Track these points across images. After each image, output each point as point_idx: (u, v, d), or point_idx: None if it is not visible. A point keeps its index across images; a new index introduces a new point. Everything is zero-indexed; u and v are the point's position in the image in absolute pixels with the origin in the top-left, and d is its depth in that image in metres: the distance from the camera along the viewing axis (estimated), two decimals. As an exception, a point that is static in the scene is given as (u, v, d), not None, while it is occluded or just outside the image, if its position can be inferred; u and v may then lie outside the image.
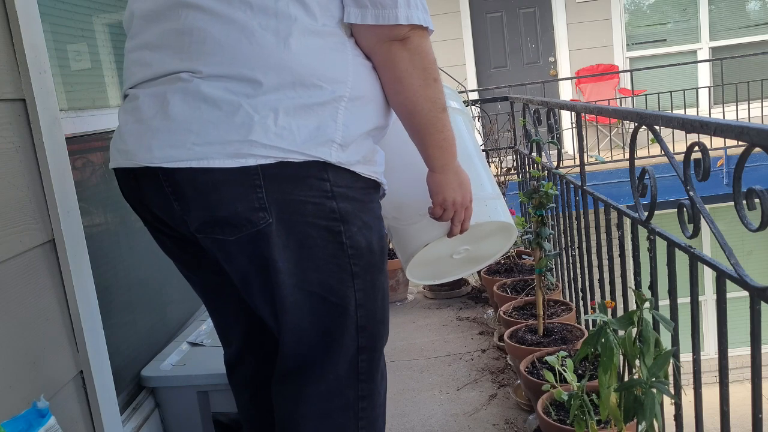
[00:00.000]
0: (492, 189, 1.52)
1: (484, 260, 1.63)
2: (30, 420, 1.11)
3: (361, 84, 1.10)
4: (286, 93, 1.03)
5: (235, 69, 1.02)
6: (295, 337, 1.17)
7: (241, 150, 1.01)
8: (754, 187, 1.05)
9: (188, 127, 1.03)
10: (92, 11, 1.88)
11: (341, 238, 1.11)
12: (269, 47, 1.02)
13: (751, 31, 8.16)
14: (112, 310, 1.70)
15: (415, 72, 1.11)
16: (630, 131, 2.38)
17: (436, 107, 1.15)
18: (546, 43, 8.25)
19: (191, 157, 1.02)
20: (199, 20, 1.04)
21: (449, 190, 1.24)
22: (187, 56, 1.05)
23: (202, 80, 1.03)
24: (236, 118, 1.01)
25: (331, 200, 1.08)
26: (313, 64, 1.05)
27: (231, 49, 1.02)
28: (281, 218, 1.06)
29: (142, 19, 1.13)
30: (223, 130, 1.01)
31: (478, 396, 2.32)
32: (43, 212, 1.36)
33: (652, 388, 1.25)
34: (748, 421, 1.19)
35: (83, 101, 1.76)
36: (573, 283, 2.46)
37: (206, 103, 1.02)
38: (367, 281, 1.17)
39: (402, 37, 1.09)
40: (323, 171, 1.07)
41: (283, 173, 1.04)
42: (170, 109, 1.04)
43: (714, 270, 1.26)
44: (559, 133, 2.38)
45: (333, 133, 1.06)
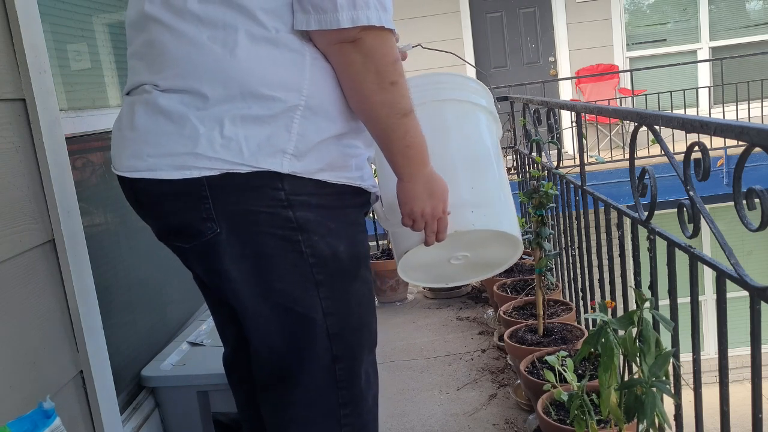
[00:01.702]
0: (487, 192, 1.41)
1: (496, 266, 1.54)
2: (35, 420, 1.11)
3: (321, 91, 1.07)
4: (235, 104, 1.02)
5: (188, 82, 1.04)
6: (266, 347, 1.18)
7: (187, 162, 1.03)
8: (754, 187, 1.05)
9: (146, 138, 1.06)
10: (92, 11, 1.88)
11: (300, 247, 1.09)
12: (216, 59, 1.02)
13: (751, 31, 8.16)
14: (112, 310, 1.70)
15: (368, 75, 1.05)
16: (630, 131, 2.38)
17: (395, 112, 1.08)
18: (546, 43, 8.25)
19: (145, 168, 1.06)
20: (159, 33, 1.07)
21: (416, 200, 1.18)
22: (151, 68, 1.08)
23: (161, 93, 1.06)
24: (185, 131, 1.03)
25: (286, 209, 1.07)
26: (263, 74, 1.03)
27: (183, 62, 1.04)
28: (233, 229, 1.07)
29: (130, 27, 1.15)
30: (172, 143, 1.04)
31: (478, 396, 2.32)
32: (43, 212, 1.36)
33: (652, 388, 1.25)
34: (748, 421, 1.19)
35: (83, 101, 1.76)
36: (573, 283, 2.46)
37: (162, 115, 1.05)
38: (335, 289, 1.14)
39: (352, 39, 1.03)
40: (276, 180, 1.05)
41: (231, 184, 1.04)
42: (135, 120, 1.08)
43: (714, 270, 1.26)
44: (559, 133, 2.38)
45: (285, 144, 1.04)
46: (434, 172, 1.18)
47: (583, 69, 8.07)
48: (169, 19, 1.05)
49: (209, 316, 2.16)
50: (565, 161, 4.25)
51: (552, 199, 2.17)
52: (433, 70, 2.23)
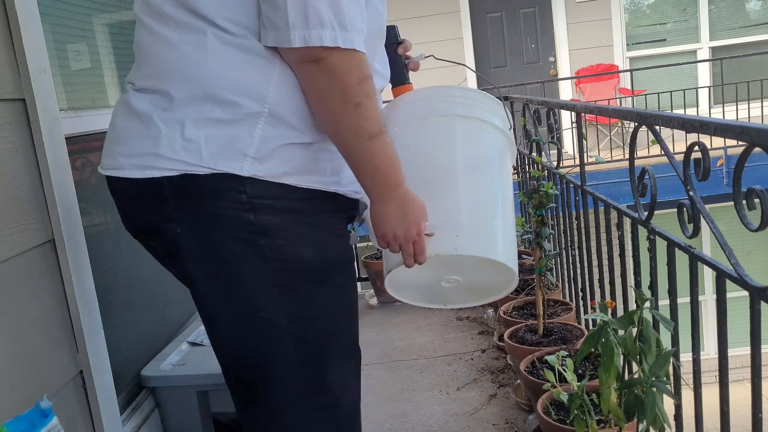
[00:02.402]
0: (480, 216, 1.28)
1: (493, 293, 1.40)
2: (33, 420, 1.11)
3: (286, 101, 1.05)
4: (199, 106, 1.03)
5: (158, 82, 1.05)
6: (232, 352, 1.16)
7: (148, 162, 1.04)
8: (754, 186, 1.05)
9: (118, 137, 1.08)
10: (92, 11, 1.88)
11: (263, 251, 1.07)
12: (186, 61, 1.03)
13: (751, 31, 8.16)
14: (112, 310, 1.70)
15: (332, 96, 1.03)
16: (630, 131, 2.38)
17: (359, 135, 1.05)
18: (546, 43, 8.25)
19: (115, 166, 1.08)
20: (141, 34, 1.09)
21: (388, 223, 1.13)
22: (135, 67, 1.11)
23: (135, 92, 1.08)
24: (149, 131, 1.04)
25: (248, 213, 1.05)
26: (229, 78, 1.03)
27: (155, 62, 1.06)
28: (195, 230, 1.06)
29: None
30: (137, 142, 1.05)
31: (478, 396, 2.32)
32: (43, 212, 1.36)
33: (652, 388, 1.25)
34: (748, 421, 1.19)
35: (83, 101, 1.76)
36: (573, 283, 2.46)
37: (133, 114, 1.06)
38: (301, 294, 1.11)
39: (315, 58, 1.00)
40: (238, 183, 1.04)
41: (192, 186, 1.03)
42: (114, 118, 1.11)
43: (714, 270, 1.26)
44: (559, 133, 2.38)
45: (246, 147, 1.03)
46: (409, 193, 1.13)
47: (583, 69, 8.07)
48: (150, 21, 1.07)
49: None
50: (565, 161, 4.25)
51: (552, 199, 2.17)
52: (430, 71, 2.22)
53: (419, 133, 1.28)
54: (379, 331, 3.09)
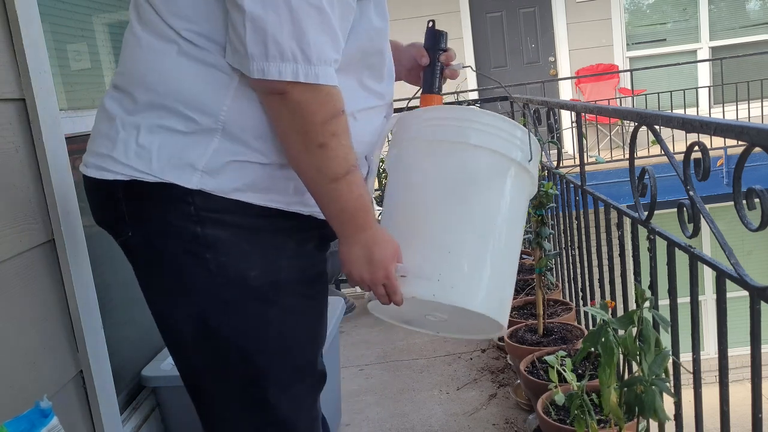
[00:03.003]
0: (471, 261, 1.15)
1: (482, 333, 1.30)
2: (32, 420, 1.11)
3: (242, 120, 1.00)
4: (156, 113, 1.01)
5: (127, 84, 1.05)
6: (179, 362, 1.15)
7: (103, 164, 1.04)
8: (754, 186, 1.05)
9: (92, 135, 1.10)
10: (92, 11, 1.88)
11: (209, 264, 1.03)
12: (149, 67, 1.02)
13: (750, 31, 8.16)
14: (112, 310, 1.70)
15: (294, 135, 0.98)
16: (630, 131, 2.38)
17: (322, 177, 1.00)
18: (546, 43, 8.25)
19: (83, 163, 1.09)
20: (126, 34, 1.09)
21: (353, 264, 1.08)
22: None
23: (111, 90, 1.08)
24: (110, 133, 1.04)
25: (195, 225, 1.02)
26: (185, 92, 1.00)
27: (128, 64, 1.06)
28: (144, 235, 1.06)
29: None
30: (99, 142, 1.06)
31: (478, 396, 2.32)
32: (43, 212, 1.36)
33: (652, 386, 1.25)
34: (748, 420, 1.19)
35: (83, 101, 1.76)
36: (573, 283, 2.46)
37: (103, 114, 1.07)
38: (248, 311, 1.07)
39: (280, 91, 0.94)
40: (186, 194, 1.01)
41: (141, 192, 1.02)
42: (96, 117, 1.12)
43: (714, 270, 1.26)
44: (559, 133, 2.38)
45: (196, 160, 1.00)
46: (377, 234, 1.07)
47: (583, 69, 8.07)
48: (135, 23, 1.07)
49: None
50: (565, 161, 4.25)
51: (552, 198, 2.17)
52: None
53: (420, 158, 1.18)
54: (379, 331, 3.09)
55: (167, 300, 1.09)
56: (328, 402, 1.97)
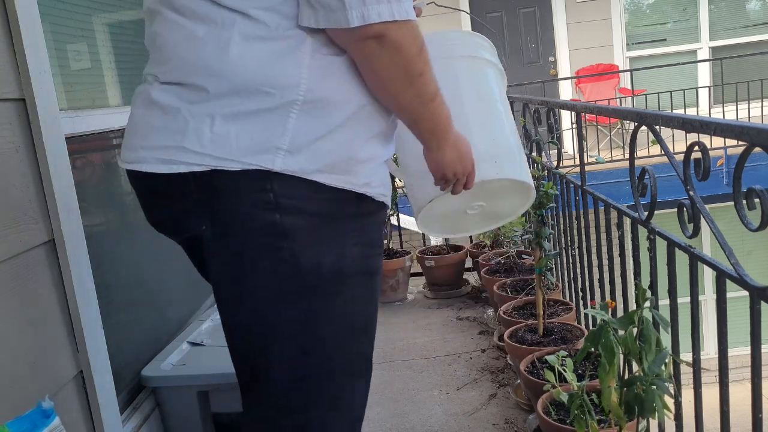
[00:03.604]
0: (506, 143, 1.49)
1: (504, 217, 1.66)
2: (34, 420, 1.11)
3: (321, 86, 1.01)
4: (229, 100, 0.99)
5: (183, 76, 1.02)
6: (243, 353, 1.14)
7: (174, 156, 1.00)
8: (754, 186, 1.05)
9: (139, 129, 1.05)
10: (92, 11, 1.88)
11: (283, 254, 1.02)
12: (211, 55, 1.00)
13: (751, 31, 8.16)
14: (112, 310, 1.70)
15: (396, 71, 1.01)
16: (630, 131, 2.38)
17: (422, 101, 1.06)
18: (546, 43, 8.25)
19: (136, 160, 1.05)
20: (160, 26, 1.06)
21: (448, 165, 1.18)
22: (154, 60, 1.08)
23: (159, 85, 1.05)
24: (175, 124, 1.00)
25: (273, 213, 1.01)
26: (257, 70, 0.99)
27: (180, 56, 1.02)
28: (217, 227, 1.03)
29: (145, 19, 1.15)
30: (162, 135, 1.02)
31: (478, 396, 2.32)
32: (43, 212, 1.36)
33: (652, 386, 1.25)
34: (748, 420, 1.19)
35: (83, 101, 1.76)
36: (573, 283, 2.46)
37: (156, 107, 1.03)
38: (312, 304, 1.07)
39: (375, 35, 0.96)
40: (265, 181, 0.99)
41: (217, 182, 1.00)
42: (134, 111, 1.08)
43: (714, 270, 1.26)
44: (559, 133, 2.38)
45: (279, 139, 0.99)
46: (458, 135, 1.18)
47: (583, 69, 8.07)
48: (169, 14, 1.04)
49: (209, 316, 2.16)
50: (565, 161, 4.25)
51: (552, 198, 2.17)
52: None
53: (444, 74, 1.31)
54: (379, 331, 3.08)
55: (238, 292, 1.07)
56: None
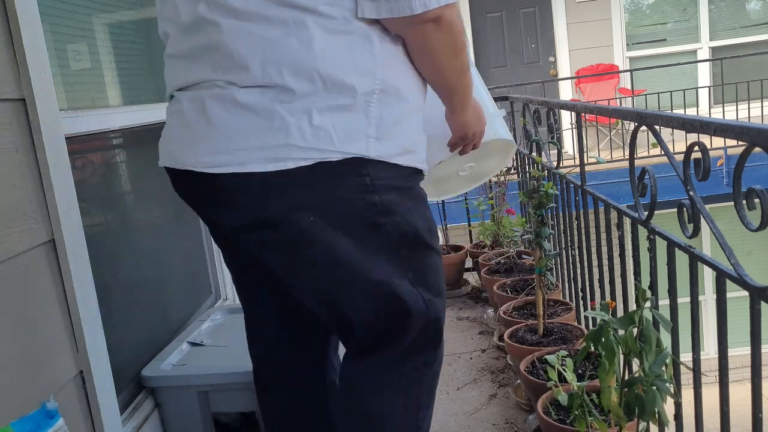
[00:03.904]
0: (493, 108, 1.71)
1: (486, 175, 1.90)
2: (38, 420, 1.11)
3: (392, 73, 1.11)
4: (319, 95, 1.05)
5: (269, 78, 1.05)
6: (362, 327, 1.23)
7: (280, 154, 1.05)
8: (754, 186, 1.05)
9: (228, 133, 1.07)
10: (92, 11, 1.88)
11: (387, 228, 1.15)
12: (295, 54, 1.04)
13: (751, 31, 8.16)
14: (112, 310, 1.70)
15: (446, 50, 1.13)
16: (630, 131, 2.38)
17: (461, 73, 1.21)
18: (546, 43, 8.25)
19: (233, 162, 1.06)
20: (221, 35, 1.07)
21: (470, 125, 1.36)
22: (220, 68, 1.08)
23: (239, 89, 1.06)
24: (273, 123, 1.05)
25: (372, 194, 1.12)
26: (340, 64, 1.05)
27: (261, 60, 1.05)
28: (324, 216, 1.10)
29: (178, 30, 1.15)
30: (262, 136, 1.05)
31: (478, 396, 2.32)
32: (43, 212, 1.36)
33: (653, 386, 1.25)
34: (748, 420, 1.19)
35: (83, 101, 1.76)
36: (573, 283, 2.46)
37: (244, 109, 1.06)
38: (418, 263, 1.21)
39: (434, 18, 1.07)
40: (362, 167, 1.09)
41: (322, 173, 1.07)
42: (210, 115, 1.08)
43: (714, 270, 1.25)
44: (559, 133, 2.38)
45: (367, 128, 1.08)
46: (475, 99, 1.35)
47: (583, 69, 8.07)
48: (230, 22, 1.05)
49: (209, 316, 2.16)
50: (565, 161, 4.25)
51: (552, 199, 2.17)
52: None
53: None
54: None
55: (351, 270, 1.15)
56: (328, 402, 1.98)
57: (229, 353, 1.89)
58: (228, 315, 2.21)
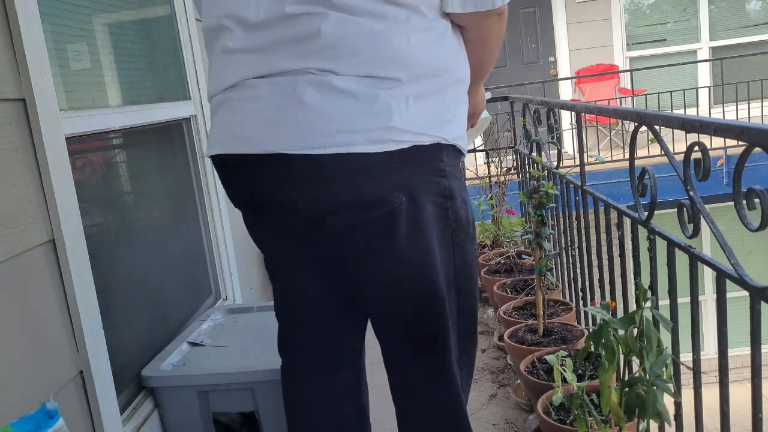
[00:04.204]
0: None
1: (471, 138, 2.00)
2: (38, 420, 1.11)
3: (459, 61, 1.24)
4: (413, 83, 1.15)
5: (373, 67, 1.12)
6: (416, 307, 1.27)
7: (384, 136, 1.11)
8: (754, 186, 1.05)
9: (328, 115, 1.11)
10: (92, 11, 1.88)
11: (448, 213, 1.24)
12: (395, 46, 1.13)
13: (751, 31, 8.16)
14: (112, 310, 1.70)
15: (499, 37, 1.30)
16: (630, 131, 2.38)
17: (497, 53, 1.36)
18: (546, 43, 8.24)
19: (335, 143, 1.10)
20: (330, 27, 1.12)
21: (481, 102, 1.49)
22: (315, 57, 1.13)
23: (336, 76, 1.12)
24: (375, 108, 1.11)
25: (444, 179, 1.21)
26: (429, 55, 1.17)
27: (367, 51, 1.12)
28: (411, 198, 1.18)
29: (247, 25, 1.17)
30: (364, 119, 1.11)
31: (478, 396, 2.31)
32: (43, 212, 1.36)
33: (653, 386, 1.25)
34: (748, 421, 1.19)
35: (83, 101, 1.76)
36: (573, 283, 2.46)
37: (343, 94, 1.11)
38: (463, 250, 1.28)
39: (500, 11, 1.22)
40: (440, 151, 1.19)
41: (414, 156, 1.15)
42: (306, 100, 1.11)
43: (714, 270, 1.25)
44: (559, 133, 2.38)
45: (446, 113, 1.20)
46: None
47: (583, 69, 8.07)
48: (338, 14, 1.11)
49: (209, 316, 2.16)
50: (565, 161, 4.25)
51: (552, 199, 2.17)
52: None
53: None
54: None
55: (420, 251, 1.22)
56: (328, 402, 1.98)
57: (229, 353, 1.89)
58: (228, 315, 2.21)
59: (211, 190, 2.49)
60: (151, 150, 2.11)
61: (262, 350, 1.86)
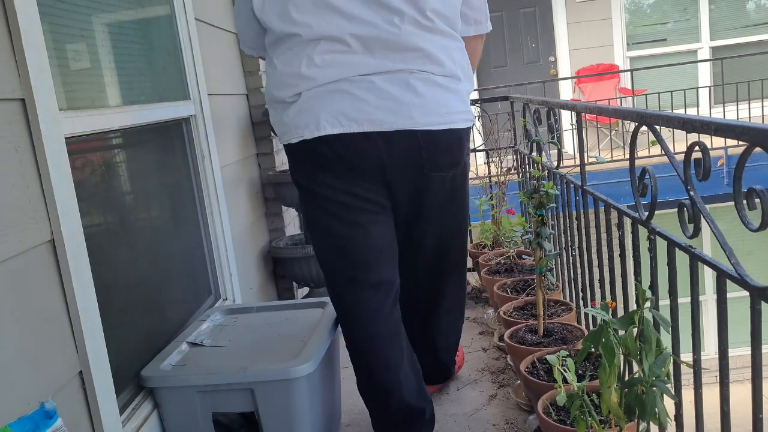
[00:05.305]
0: None
1: None
2: (37, 421, 1.11)
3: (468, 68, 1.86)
4: (465, 82, 1.80)
5: (450, 70, 1.74)
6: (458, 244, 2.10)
7: (467, 117, 1.78)
8: (755, 186, 1.05)
9: (436, 102, 1.68)
10: (92, 11, 1.88)
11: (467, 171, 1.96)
12: (458, 56, 1.78)
13: (751, 31, 8.16)
14: (112, 310, 1.70)
15: (480, 53, 2.06)
16: (630, 131, 2.38)
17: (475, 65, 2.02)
18: (546, 43, 8.24)
19: (447, 122, 1.70)
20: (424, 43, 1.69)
21: None
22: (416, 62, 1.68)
23: (434, 75, 1.70)
24: (459, 97, 1.75)
25: (466, 156, 1.88)
26: (467, 65, 1.83)
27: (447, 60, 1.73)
28: (467, 164, 1.91)
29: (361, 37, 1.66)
30: (458, 104, 1.74)
31: (478, 396, 2.31)
32: (43, 212, 1.36)
33: (653, 387, 1.25)
34: (749, 421, 1.19)
35: (83, 101, 1.76)
36: (573, 283, 2.46)
37: (441, 88, 1.70)
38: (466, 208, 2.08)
39: (485, 34, 1.97)
40: (468, 133, 1.81)
41: (466, 134, 1.80)
42: (419, 91, 1.66)
43: (714, 270, 1.25)
44: (559, 133, 2.37)
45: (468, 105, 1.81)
46: None
47: (583, 69, 8.07)
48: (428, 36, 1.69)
49: (209, 316, 2.16)
50: (565, 161, 4.25)
51: (552, 199, 2.17)
52: None
53: None
54: (379, 331, 3.08)
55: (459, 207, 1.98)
56: (329, 401, 1.97)
57: (228, 353, 1.89)
58: (228, 315, 2.21)
59: (211, 190, 2.49)
60: (150, 150, 2.11)
61: (262, 350, 1.86)
